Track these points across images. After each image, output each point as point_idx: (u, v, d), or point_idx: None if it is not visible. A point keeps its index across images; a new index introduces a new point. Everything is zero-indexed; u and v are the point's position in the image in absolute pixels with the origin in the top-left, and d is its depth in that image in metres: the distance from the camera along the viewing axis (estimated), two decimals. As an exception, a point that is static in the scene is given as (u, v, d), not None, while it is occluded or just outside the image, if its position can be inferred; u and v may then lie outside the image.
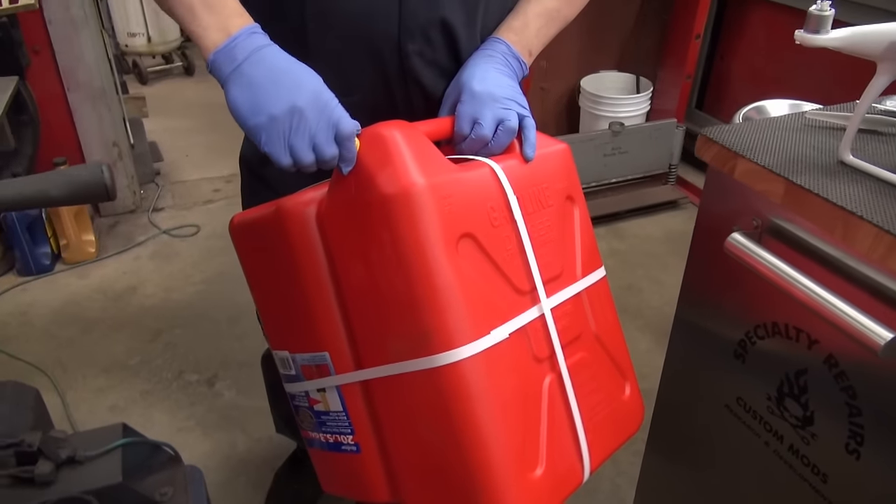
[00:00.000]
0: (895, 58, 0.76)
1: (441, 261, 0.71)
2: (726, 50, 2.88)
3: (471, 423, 0.72)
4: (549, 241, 0.84)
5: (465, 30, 0.88)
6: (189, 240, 2.55)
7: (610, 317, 0.92)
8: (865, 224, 0.74)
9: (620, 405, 0.91)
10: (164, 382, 1.90)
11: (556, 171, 0.88)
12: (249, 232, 0.90)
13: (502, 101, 0.84)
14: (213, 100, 3.89)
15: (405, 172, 0.71)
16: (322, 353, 0.84)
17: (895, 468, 0.78)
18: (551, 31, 0.94)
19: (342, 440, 0.86)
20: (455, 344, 0.71)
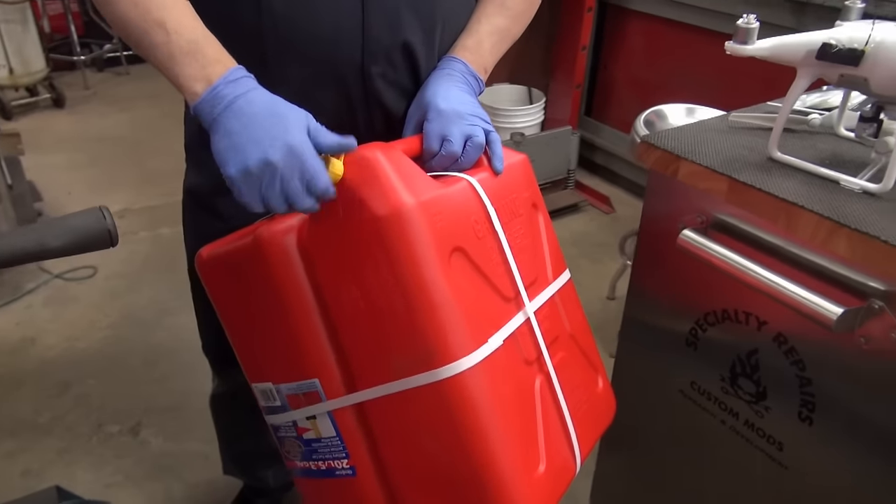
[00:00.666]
0: (813, 63, 0.85)
1: (437, 276, 0.72)
2: (609, 60, 3.06)
3: (477, 431, 0.73)
4: (524, 248, 0.87)
5: (424, 50, 0.90)
6: (87, 282, 2.38)
7: (579, 315, 0.96)
8: (806, 213, 0.82)
9: (597, 397, 0.96)
10: (82, 438, 1.76)
11: (520, 180, 0.91)
12: (221, 266, 0.87)
13: (468, 118, 0.86)
14: (88, 133, 3.66)
15: (395, 193, 0.72)
16: (311, 380, 0.82)
17: (845, 429, 0.87)
18: (503, 48, 0.97)
19: (336, 465, 0.85)
20: (457, 356, 0.72)
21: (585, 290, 2.37)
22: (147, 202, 2.90)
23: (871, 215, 0.79)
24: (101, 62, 4.60)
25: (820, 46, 0.83)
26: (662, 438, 1.17)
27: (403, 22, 0.86)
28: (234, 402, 1.29)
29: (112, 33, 4.47)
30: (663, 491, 1.21)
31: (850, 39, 0.82)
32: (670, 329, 1.07)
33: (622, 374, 1.21)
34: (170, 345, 2.09)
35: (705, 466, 1.10)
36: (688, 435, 1.11)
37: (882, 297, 0.78)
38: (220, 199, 0.98)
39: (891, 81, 0.79)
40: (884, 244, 0.75)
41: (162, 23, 0.74)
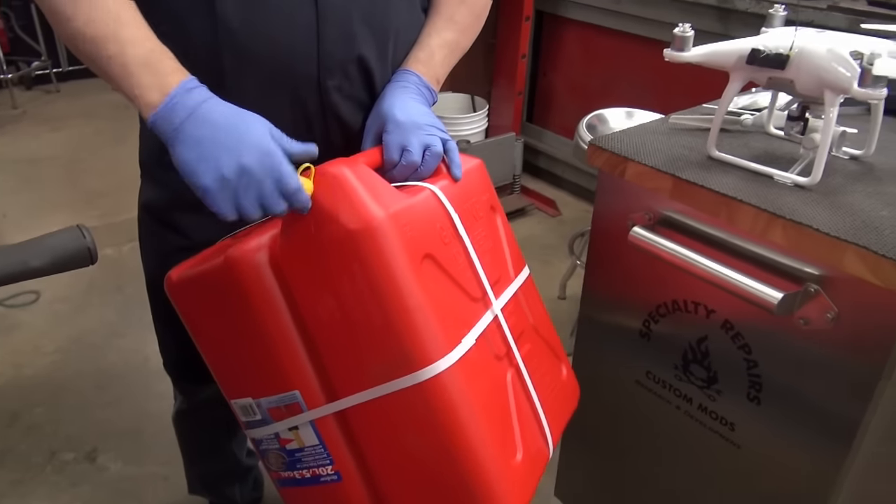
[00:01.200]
0: (743, 68, 0.92)
1: (411, 283, 0.75)
2: (548, 67, 3.15)
3: (458, 428, 0.76)
4: (487, 250, 0.91)
5: (378, 64, 0.93)
6: (30, 308, 2.31)
7: (540, 308, 1.01)
8: (745, 206, 0.88)
9: (562, 385, 1.01)
10: (35, 468, 1.71)
11: (478, 185, 0.95)
12: (192, 286, 0.88)
13: (425, 128, 0.89)
14: (19, 154, 3.54)
15: (365, 207, 0.74)
16: (291, 392, 0.84)
17: (791, 406, 0.93)
18: (453, 60, 1.01)
19: (321, 472, 0.87)
20: (434, 358, 0.75)
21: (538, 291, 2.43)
22: (87, 223, 2.77)
23: (803, 206, 0.86)
24: (30, 80, 4.45)
25: (749, 52, 0.90)
26: (621, 428, 1.23)
27: (357, 36, 0.89)
28: (197, 419, 1.29)
29: (40, 50, 4.33)
30: (625, 480, 1.26)
31: (776, 45, 0.89)
32: (624, 322, 1.13)
33: (580, 369, 1.25)
34: (121, 367, 2.04)
35: (663, 451, 1.16)
36: (645, 422, 1.17)
37: (817, 280, 0.85)
38: (179, 215, 0.99)
39: (813, 83, 0.86)
40: (815, 232, 0.81)
41: (115, 36, 0.74)
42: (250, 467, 1.45)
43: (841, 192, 0.91)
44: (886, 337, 0.81)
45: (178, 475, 1.50)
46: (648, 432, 1.17)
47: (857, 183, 0.93)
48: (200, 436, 1.32)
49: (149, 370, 2.01)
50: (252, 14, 0.82)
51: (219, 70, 0.85)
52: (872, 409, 0.86)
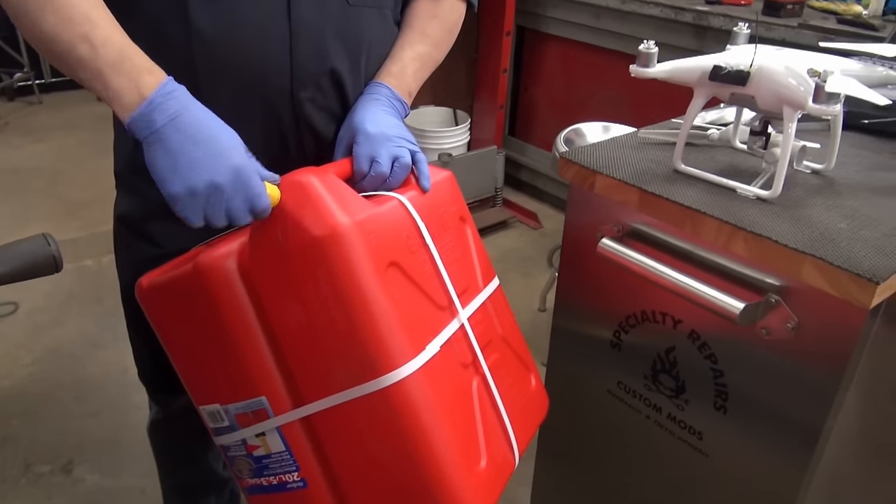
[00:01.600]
0: (707, 84, 0.95)
1: (375, 290, 0.76)
2: (529, 82, 3.19)
3: (420, 433, 0.77)
4: (455, 260, 0.93)
5: (350, 76, 0.95)
6: (8, 319, 2.30)
7: (509, 318, 1.03)
8: (708, 218, 0.90)
9: (530, 395, 1.02)
10: (10, 480, 1.70)
11: (447, 196, 0.97)
12: (162, 292, 0.89)
13: (395, 140, 0.91)
14: (2, 165, 3.52)
15: (331, 214, 0.76)
16: (258, 398, 0.85)
17: (756, 414, 0.95)
18: (425, 73, 1.03)
19: (287, 479, 0.88)
20: (397, 364, 0.76)
21: (516, 303, 2.45)
22: (69, 234, 2.81)
23: (764, 219, 0.88)
24: (12, 91, 4.43)
25: (712, 69, 0.93)
26: (594, 439, 1.24)
27: (330, 50, 0.91)
28: (172, 430, 1.29)
29: (22, 61, 4.32)
30: (598, 490, 1.28)
31: (737, 62, 0.92)
32: (595, 333, 1.15)
33: (553, 379, 1.28)
34: (100, 379, 2.04)
35: (634, 461, 1.17)
36: (616, 432, 1.18)
37: (777, 291, 0.87)
38: (153, 225, 1.00)
39: (773, 98, 0.89)
40: (775, 244, 0.84)
41: (87, 37, 0.73)
42: (227, 479, 1.45)
43: (801, 205, 0.93)
44: (844, 346, 0.83)
45: (155, 487, 1.50)
46: (620, 442, 1.19)
47: (816, 196, 0.96)
48: (175, 446, 1.32)
49: (128, 381, 2.00)
50: (225, 25, 0.84)
51: (193, 79, 0.86)
52: (833, 417, 0.88)
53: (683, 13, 2.33)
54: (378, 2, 0.96)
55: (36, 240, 0.60)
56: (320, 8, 0.88)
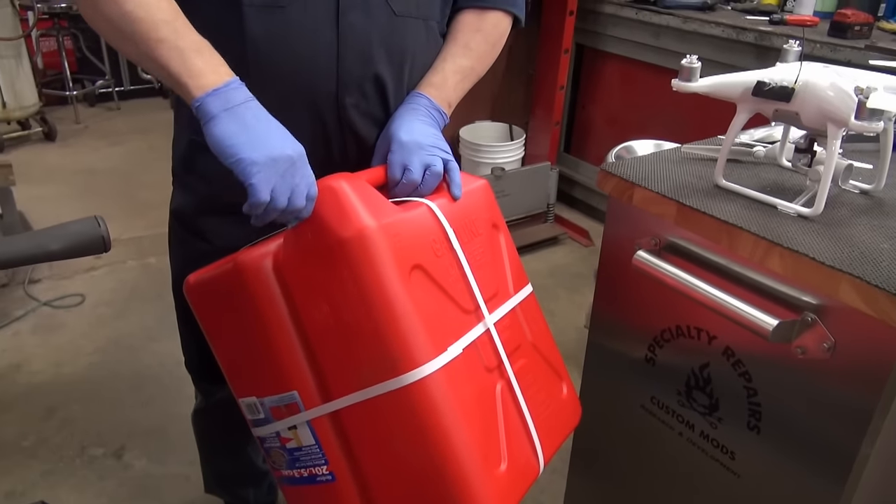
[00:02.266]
0: (750, 100, 0.94)
1: (398, 291, 0.79)
2: (586, 99, 3.18)
3: (440, 431, 0.79)
4: (484, 265, 0.94)
5: (393, 84, 0.98)
6: (74, 310, 2.42)
7: (541, 326, 1.03)
8: (745, 233, 0.90)
9: (560, 403, 1.02)
10: (66, 460, 1.79)
11: (480, 204, 0.99)
12: (207, 289, 0.94)
13: (428, 149, 0.94)
14: (79, 166, 3.73)
15: (358, 217, 0.80)
16: (290, 392, 0.88)
17: (790, 436, 0.93)
18: (467, 84, 1.06)
19: (317, 472, 0.90)
20: (418, 363, 0.79)
21: (562, 319, 2.44)
22: (135, 233, 2.96)
23: (803, 236, 0.87)
24: (93, 97, 4.69)
25: (755, 84, 0.92)
26: (626, 454, 1.23)
27: (375, 57, 0.95)
28: (214, 419, 1.34)
29: (104, 69, 4.57)
30: (631, 501, 1.26)
31: (782, 78, 0.91)
32: (630, 347, 1.14)
33: (588, 393, 1.27)
34: (155, 370, 2.12)
35: (665, 478, 1.16)
36: (648, 448, 1.17)
37: (814, 310, 0.85)
38: (205, 221, 1.05)
39: (818, 115, 0.88)
40: (811, 261, 0.82)
41: (169, 22, 0.80)
42: (265, 472, 1.49)
43: (844, 224, 0.91)
44: (882, 368, 0.81)
45: (199, 476, 1.56)
46: (652, 458, 1.17)
47: (862, 216, 0.94)
48: (216, 435, 1.37)
49: (181, 374, 2.05)
50: (278, 30, 0.89)
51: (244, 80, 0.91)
52: (869, 443, 0.86)
53: (745, 33, 2.30)
54: (424, 13, 0.99)
55: (87, 221, 0.65)
56: (367, 16, 0.92)
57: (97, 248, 0.65)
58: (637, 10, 2.68)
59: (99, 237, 0.65)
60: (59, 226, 0.65)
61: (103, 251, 0.66)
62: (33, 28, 3.92)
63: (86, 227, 0.64)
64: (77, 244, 0.64)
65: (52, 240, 0.63)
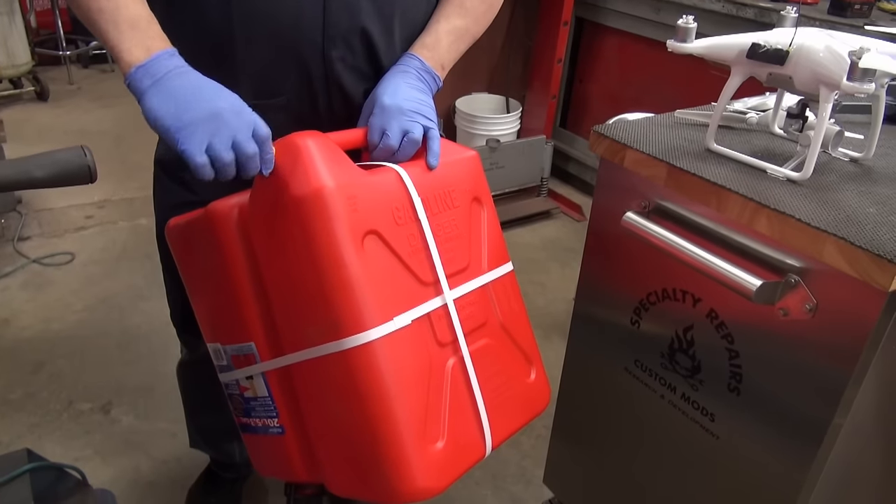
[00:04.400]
0: (744, 62, 0.94)
1: (347, 254, 0.78)
2: (584, 74, 3.17)
3: (375, 399, 0.79)
4: (455, 238, 0.92)
5: (382, 38, 0.97)
6: (64, 268, 2.42)
7: (516, 307, 1.01)
8: (734, 195, 0.90)
9: (525, 388, 1.00)
10: (52, 414, 1.79)
11: (463, 175, 0.97)
12: (183, 234, 0.95)
13: (409, 114, 0.92)
14: (70, 126, 3.69)
15: (314, 176, 0.79)
16: (248, 343, 0.90)
17: (768, 398, 0.94)
18: (461, 46, 1.04)
19: (269, 423, 0.93)
20: (361, 328, 0.78)
21: (553, 292, 2.45)
22: (126, 194, 2.94)
23: (791, 198, 0.87)
24: (87, 59, 4.63)
25: (750, 46, 0.92)
26: (608, 417, 1.24)
27: (362, 9, 0.93)
28: (198, 372, 1.34)
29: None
30: (611, 468, 1.28)
31: (777, 41, 0.91)
32: (616, 310, 1.15)
33: (573, 357, 1.28)
34: (143, 329, 2.13)
35: (647, 440, 1.17)
36: (631, 411, 1.18)
37: (798, 272, 0.86)
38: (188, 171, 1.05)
39: (811, 78, 0.88)
40: (797, 222, 0.83)
41: None
42: (251, 429, 1.50)
43: (832, 189, 0.92)
44: (862, 328, 0.81)
45: (185, 432, 1.56)
46: (633, 420, 1.18)
47: (850, 182, 0.94)
48: (200, 389, 1.37)
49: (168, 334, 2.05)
50: None
51: (230, 38, 0.90)
52: (843, 412, 0.87)
53: (745, 9, 2.28)
54: None
55: (73, 150, 0.64)
56: None
57: (83, 177, 0.64)
58: (638, -17, 2.66)
59: (85, 166, 0.64)
60: (45, 153, 0.64)
61: (89, 181, 0.66)
62: (26, -16, 3.86)
63: (71, 156, 0.64)
64: (62, 173, 0.63)
65: (36, 167, 0.62)
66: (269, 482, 1.63)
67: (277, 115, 0.98)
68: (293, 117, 0.98)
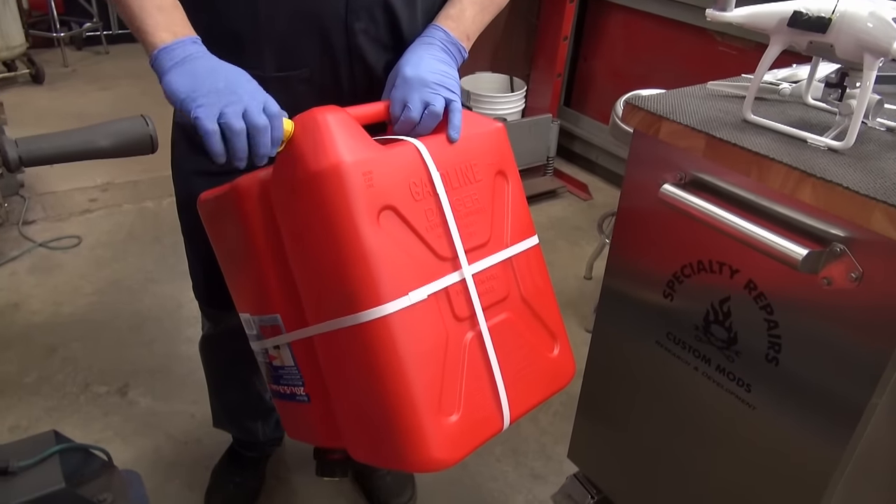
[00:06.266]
0: (784, 31, 0.93)
1: (362, 229, 0.79)
2: (589, 52, 3.15)
3: (392, 371, 0.80)
4: (477, 212, 0.91)
5: (405, 10, 0.97)
6: (72, 251, 2.39)
7: (540, 282, 1.00)
8: (776, 164, 0.90)
9: (548, 362, 0.99)
10: (69, 397, 1.79)
11: (486, 149, 0.95)
12: (213, 207, 0.96)
13: (431, 86, 0.91)
14: (68, 109, 3.65)
15: (331, 151, 0.79)
16: (274, 314, 0.91)
17: (807, 369, 0.95)
18: (486, 17, 1.03)
19: (296, 391, 0.95)
20: (376, 302, 0.79)
21: (562, 269, 2.46)
22: (130, 177, 2.91)
23: (835, 167, 0.87)
24: (81, 41, 4.57)
25: (791, 14, 0.91)
26: (637, 390, 1.25)
27: None
28: (222, 347, 1.34)
29: (92, 12, 4.44)
30: (638, 442, 1.28)
31: (818, 9, 0.90)
32: (648, 283, 1.15)
33: (601, 332, 1.28)
34: (155, 311, 2.12)
35: (678, 412, 1.18)
36: (661, 384, 1.18)
37: (843, 241, 0.86)
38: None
39: (854, 47, 0.87)
40: (845, 190, 0.83)
41: None
42: (273, 408, 1.50)
43: (874, 157, 0.91)
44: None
45: (204, 413, 1.57)
46: (665, 394, 1.19)
47: (891, 151, 0.94)
48: (223, 364, 1.37)
49: (181, 316, 2.08)
50: None
51: (254, 11, 0.90)
52: (886, 381, 0.87)
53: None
54: None
55: (135, 119, 0.63)
56: None
57: (145, 147, 0.64)
58: (645, -41, 2.64)
59: (147, 135, 0.63)
60: (109, 122, 0.63)
61: (150, 151, 0.65)
62: (19, -35, 3.79)
63: (136, 125, 0.63)
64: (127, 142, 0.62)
65: (102, 136, 0.61)
66: (292, 460, 1.63)
67: (300, 86, 0.98)
68: (316, 88, 0.98)
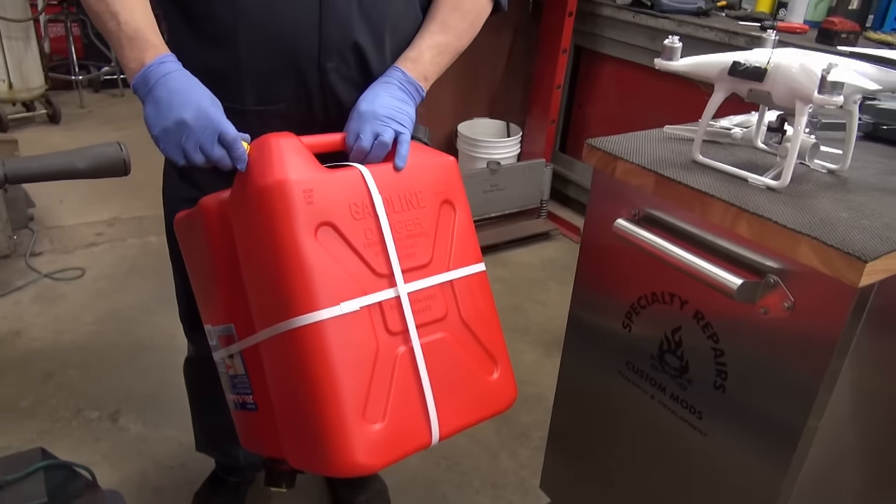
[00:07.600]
0: (726, 79, 1.01)
1: (300, 241, 0.86)
2: (583, 99, 3.26)
3: (320, 375, 0.86)
4: (418, 235, 0.97)
5: (374, 52, 1.06)
6: (75, 282, 2.48)
7: (483, 307, 1.04)
8: (716, 201, 0.96)
9: (486, 384, 1.02)
10: (62, 421, 1.84)
11: (434, 178, 1.02)
12: (184, 225, 1.06)
13: (382, 119, 1.00)
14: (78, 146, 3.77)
15: (277, 170, 0.88)
16: (229, 324, 0.99)
17: (752, 394, 1.00)
18: (445, 60, 1.12)
19: (246, 399, 1.02)
20: (309, 309, 0.86)
21: (553, 308, 2.51)
22: (136, 213, 3.01)
23: (770, 204, 0.94)
24: (98, 83, 4.75)
25: (731, 64, 0.99)
26: (603, 419, 1.29)
27: (354, 25, 1.03)
28: (203, 370, 1.38)
29: (110, 56, 4.63)
30: (605, 470, 1.32)
31: (756, 60, 0.98)
32: (609, 315, 1.21)
33: (568, 363, 1.34)
34: (152, 341, 2.18)
35: (639, 441, 1.22)
36: (623, 412, 1.23)
37: (776, 272, 0.92)
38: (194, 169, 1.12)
39: (787, 93, 0.95)
40: (775, 224, 0.89)
41: (115, 14, 0.91)
42: (257, 433, 1.54)
43: (809, 196, 0.98)
44: (836, 323, 0.87)
45: (192, 440, 1.61)
46: (627, 422, 1.23)
47: (826, 191, 1.01)
48: (206, 387, 1.41)
49: (175, 347, 2.13)
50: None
51: (235, 46, 1.00)
52: (820, 406, 0.92)
53: (737, 37, 2.37)
54: None
55: (111, 145, 0.71)
56: None
57: (118, 170, 0.71)
58: (634, 13, 2.76)
59: (121, 160, 0.71)
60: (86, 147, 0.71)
61: (123, 174, 0.72)
62: (42, 11, 3.99)
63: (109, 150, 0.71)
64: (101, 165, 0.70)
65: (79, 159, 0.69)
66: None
67: (277, 120, 1.07)
68: (291, 122, 1.06)
